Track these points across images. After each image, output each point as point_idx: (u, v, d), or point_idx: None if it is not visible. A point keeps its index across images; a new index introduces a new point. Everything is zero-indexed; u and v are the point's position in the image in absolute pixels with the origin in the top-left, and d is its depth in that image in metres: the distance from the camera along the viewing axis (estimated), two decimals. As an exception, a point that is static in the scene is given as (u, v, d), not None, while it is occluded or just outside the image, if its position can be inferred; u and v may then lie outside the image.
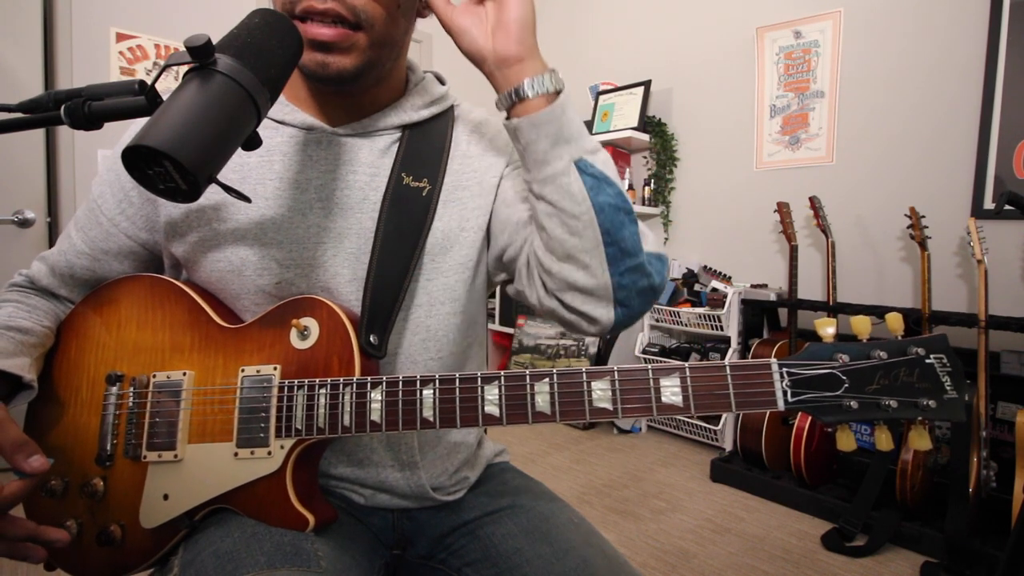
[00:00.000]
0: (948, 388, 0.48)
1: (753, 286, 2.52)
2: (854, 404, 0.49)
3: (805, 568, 1.69)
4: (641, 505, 2.08)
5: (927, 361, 0.49)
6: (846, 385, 0.49)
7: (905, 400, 0.49)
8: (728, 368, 0.51)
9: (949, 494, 1.70)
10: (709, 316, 2.50)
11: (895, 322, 0.51)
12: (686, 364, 0.52)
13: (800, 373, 0.50)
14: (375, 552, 0.68)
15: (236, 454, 0.59)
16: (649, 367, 0.52)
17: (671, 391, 0.51)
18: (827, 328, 0.52)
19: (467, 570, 0.67)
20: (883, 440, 0.52)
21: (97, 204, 0.68)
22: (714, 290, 2.52)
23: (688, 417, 2.64)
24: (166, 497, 0.60)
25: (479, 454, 0.78)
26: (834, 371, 0.50)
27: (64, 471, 0.65)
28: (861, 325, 0.51)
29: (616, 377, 0.52)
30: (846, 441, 0.52)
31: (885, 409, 0.49)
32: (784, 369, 0.50)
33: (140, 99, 0.49)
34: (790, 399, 0.50)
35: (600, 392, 0.53)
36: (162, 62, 1.67)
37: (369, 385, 0.56)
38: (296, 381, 0.59)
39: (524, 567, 0.63)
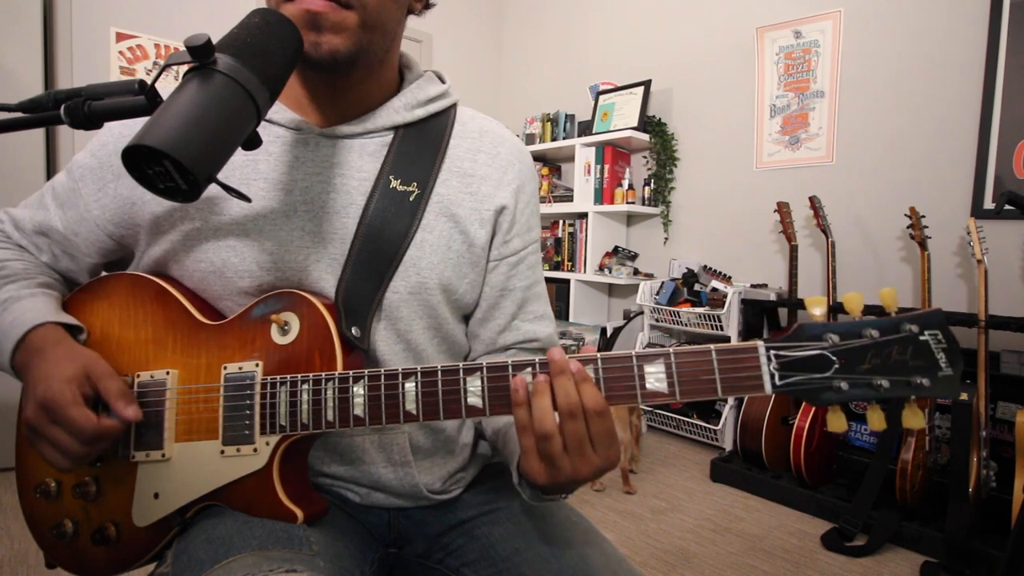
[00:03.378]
0: (943, 365, 0.46)
1: (753, 286, 2.52)
2: (844, 385, 0.48)
3: (805, 568, 1.69)
4: (641, 505, 2.08)
5: (921, 338, 0.47)
6: (836, 366, 0.48)
7: (898, 379, 0.47)
8: (714, 352, 0.49)
9: (949, 494, 1.70)
10: (709, 316, 2.50)
11: (889, 299, 0.49)
12: (671, 349, 0.51)
13: (788, 355, 0.48)
14: (368, 546, 0.68)
15: (223, 452, 0.59)
16: (633, 353, 0.51)
17: (655, 377, 0.50)
18: (816, 308, 0.50)
19: (465, 570, 0.66)
20: (875, 420, 0.50)
21: (77, 185, 0.67)
22: (714, 290, 2.52)
23: (687, 416, 2.64)
24: (157, 496, 0.60)
25: (477, 452, 0.78)
26: (824, 352, 0.48)
27: (56, 472, 0.65)
28: (853, 303, 0.49)
29: (599, 364, 0.51)
30: (837, 423, 0.50)
31: (877, 389, 0.47)
32: (772, 351, 0.48)
33: (140, 99, 0.49)
34: (778, 382, 0.48)
35: None
36: (162, 62, 1.67)
37: (351, 380, 0.56)
38: (279, 378, 0.58)
39: (522, 567, 0.62)
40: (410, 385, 0.55)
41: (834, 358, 0.48)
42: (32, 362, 0.57)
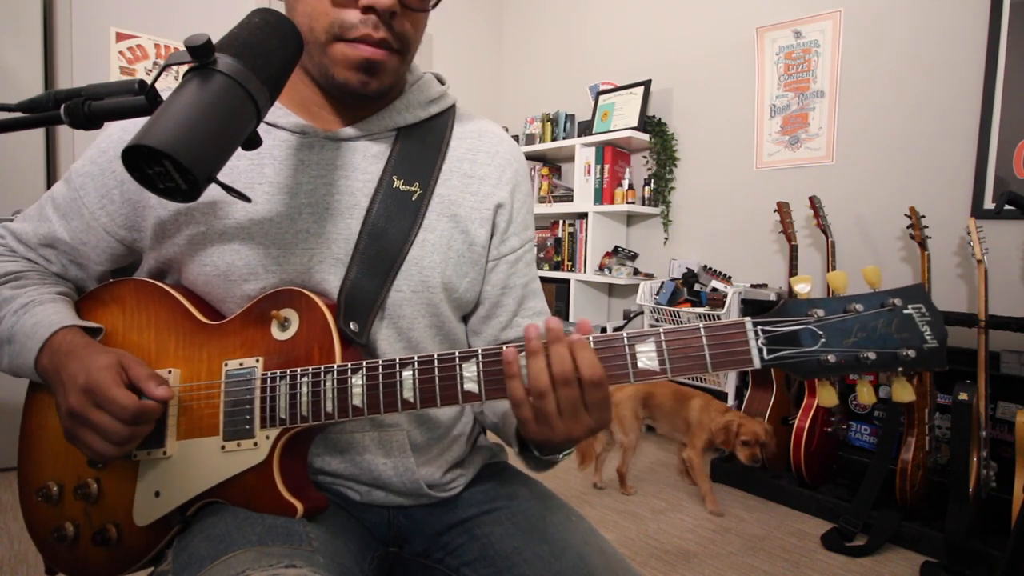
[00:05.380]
0: (928, 337, 0.48)
1: (753, 286, 2.52)
2: (832, 358, 0.49)
3: (805, 568, 1.69)
4: (641, 505, 2.08)
5: (905, 311, 0.48)
6: (823, 340, 0.49)
7: (884, 351, 0.48)
8: (702, 329, 0.51)
9: (949, 494, 1.70)
10: (709, 316, 2.50)
11: (873, 276, 0.50)
12: (661, 328, 0.52)
13: (775, 330, 0.50)
14: (367, 544, 0.68)
15: (223, 447, 0.59)
16: (624, 334, 0.52)
17: (647, 356, 0.51)
18: (801, 285, 0.52)
19: (465, 570, 0.67)
20: (864, 393, 0.51)
21: (79, 194, 0.67)
22: (714, 290, 2.52)
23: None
24: (158, 494, 0.61)
25: (475, 453, 0.78)
26: (809, 326, 0.49)
27: (58, 474, 0.65)
28: (838, 280, 0.51)
29: (592, 347, 0.52)
30: (827, 397, 0.52)
31: (864, 362, 0.48)
32: (759, 327, 0.50)
33: (140, 99, 0.49)
34: (766, 357, 0.49)
35: None
36: (162, 62, 1.67)
37: (349, 371, 0.57)
38: (278, 372, 0.59)
39: (522, 566, 0.63)
40: (407, 373, 0.56)
41: (820, 332, 0.49)
42: (64, 361, 0.59)
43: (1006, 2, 1.99)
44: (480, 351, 0.54)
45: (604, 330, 3.02)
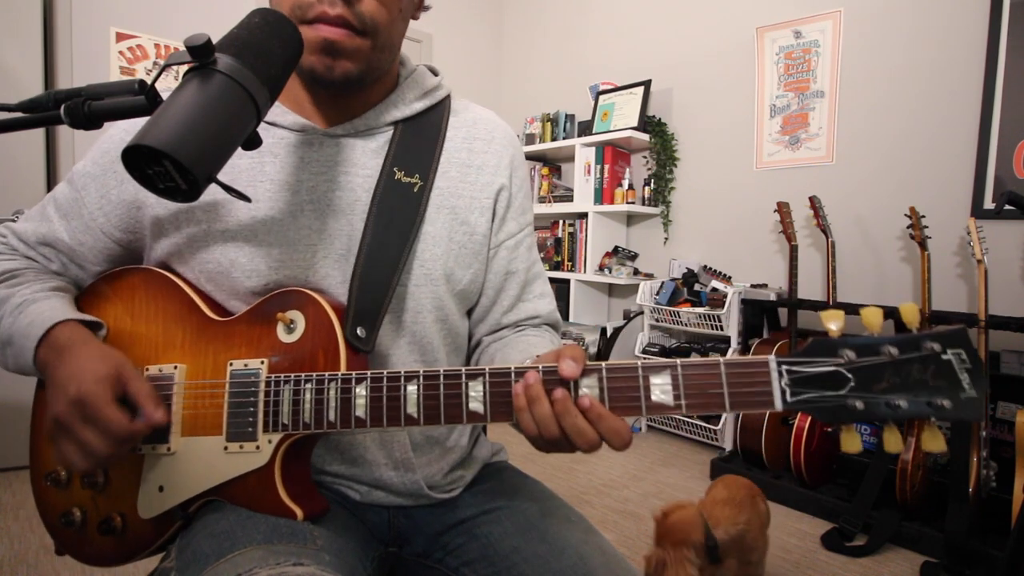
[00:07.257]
0: (966, 386, 0.44)
1: (753, 286, 2.52)
2: (860, 404, 0.45)
3: (805, 568, 1.69)
4: (641, 505, 2.08)
5: (944, 357, 0.44)
6: (852, 384, 0.45)
7: (917, 400, 0.44)
8: (723, 366, 0.48)
9: (949, 494, 1.70)
10: (709, 316, 2.50)
11: (910, 315, 0.45)
12: (678, 361, 0.49)
13: (801, 371, 0.46)
14: (369, 544, 0.68)
15: (226, 448, 0.59)
16: (639, 363, 0.50)
17: (661, 389, 0.49)
18: (833, 322, 0.48)
19: (464, 570, 0.67)
20: (892, 441, 0.46)
21: (80, 195, 0.67)
22: (714, 290, 2.52)
23: (688, 416, 2.64)
24: (161, 489, 0.61)
25: (475, 453, 0.78)
26: (839, 368, 0.46)
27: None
28: (872, 317, 0.46)
29: (604, 375, 0.50)
30: (851, 442, 0.47)
31: (894, 409, 0.45)
32: (784, 367, 0.46)
33: (140, 99, 0.49)
34: (789, 399, 0.46)
35: (587, 389, 0.50)
36: (162, 62, 1.67)
37: (354, 380, 0.56)
38: (282, 376, 0.59)
39: (521, 566, 0.63)
40: (412, 388, 0.54)
41: (849, 375, 0.46)
42: (58, 360, 0.57)
43: (1006, 2, 1.99)
44: (487, 370, 0.53)
45: (604, 331, 3.02)
